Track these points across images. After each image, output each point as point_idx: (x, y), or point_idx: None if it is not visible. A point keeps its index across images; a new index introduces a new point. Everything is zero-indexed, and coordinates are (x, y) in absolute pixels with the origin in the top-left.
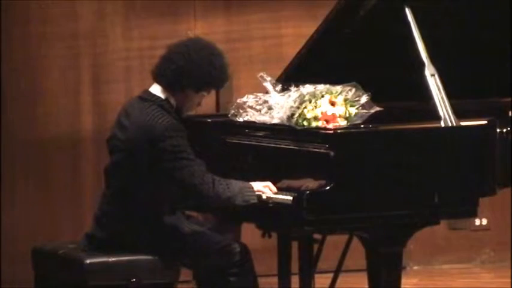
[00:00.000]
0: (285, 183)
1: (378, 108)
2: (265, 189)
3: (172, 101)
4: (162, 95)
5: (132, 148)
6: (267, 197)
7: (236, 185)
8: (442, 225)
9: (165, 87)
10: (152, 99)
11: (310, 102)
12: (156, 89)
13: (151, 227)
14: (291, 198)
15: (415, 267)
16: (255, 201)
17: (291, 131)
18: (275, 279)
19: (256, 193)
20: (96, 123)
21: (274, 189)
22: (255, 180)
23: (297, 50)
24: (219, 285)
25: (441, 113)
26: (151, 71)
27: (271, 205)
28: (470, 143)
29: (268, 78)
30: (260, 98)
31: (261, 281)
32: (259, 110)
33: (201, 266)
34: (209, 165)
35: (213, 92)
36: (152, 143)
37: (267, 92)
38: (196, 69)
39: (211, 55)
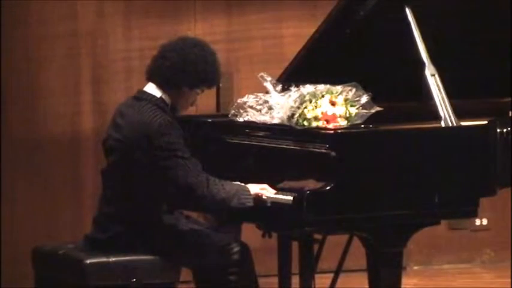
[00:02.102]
0: (285, 183)
1: (378, 108)
2: (262, 191)
3: (167, 99)
4: (156, 94)
5: (128, 147)
6: (267, 197)
7: (232, 186)
8: (442, 225)
9: (160, 85)
10: (147, 98)
11: (310, 102)
12: (150, 88)
13: (150, 226)
14: (291, 198)
15: (415, 267)
16: (251, 204)
17: (291, 131)
18: (275, 280)
19: (253, 196)
20: (96, 123)
21: (272, 191)
22: (254, 181)
23: (298, 50)
24: (219, 284)
25: (441, 113)
26: (145, 71)
27: (271, 205)
28: (471, 143)
29: (269, 78)
30: (260, 98)
31: (261, 281)
32: (260, 110)
33: (200, 265)
34: (209, 166)
35: (213, 92)
36: (147, 140)
37: (267, 92)
38: (190, 65)
39: (204, 52)
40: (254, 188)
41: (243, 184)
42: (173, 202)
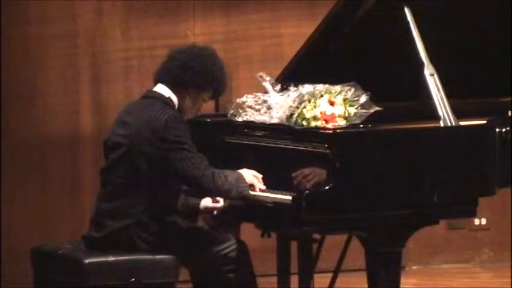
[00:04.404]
0: (284, 182)
1: (377, 108)
2: (254, 179)
3: (175, 99)
4: (165, 93)
5: (135, 141)
6: (266, 196)
7: (232, 176)
8: (441, 225)
9: (169, 85)
10: (156, 96)
11: (309, 102)
12: (159, 88)
13: (150, 223)
14: (290, 198)
15: (414, 267)
16: (248, 192)
17: (290, 130)
18: (274, 279)
19: (249, 183)
20: (96, 122)
21: (262, 183)
22: None
23: (296, 49)
24: (217, 282)
25: (440, 113)
26: (154, 73)
27: (270, 205)
28: (470, 143)
29: (268, 78)
30: (259, 98)
31: (261, 280)
32: (259, 110)
33: (198, 262)
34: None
35: None
36: (155, 133)
37: (266, 92)
38: (199, 65)
39: (214, 57)
40: (248, 176)
41: (238, 171)
42: (177, 198)
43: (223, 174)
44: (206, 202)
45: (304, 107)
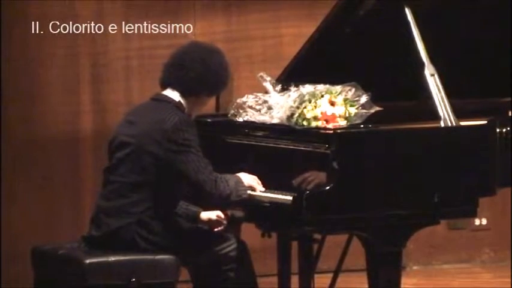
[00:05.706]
0: (285, 183)
1: (377, 108)
2: (254, 182)
3: (185, 104)
4: (175, 98)
5: (142, 141)
6: (265, 196)
7: (232, 181)
8: (441, 225)
9: (181, 92)
10: (166, 99)
11: (309, 102)
12: (169, 93)
13: (151, 222)
14: (290, 198)
15: (415, 267)
16: (247, 196)
17: (291, 130)
18: (275, 279)
19: (247, 186)
20: (96, 122)
21: (261, 186)
22: None
23: (297, 49)
24: (217, 281)
25: (441, 113)
26: (162, 79)
27: (270, 205)
28: (470, 143)
29: (268, 78)
30: (260, 98)
31: (261, 281)
32: (259, 110)
33: (199, 261)
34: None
35: None
36: (163, 134)
37: (266, 92)
38: (213, 75)
39: (220, 57)
40: (247, 179)
41: (237, 175)
42: (179, 198)
43: (225, 179)
44: (210, 215)
45: (305, 107)
